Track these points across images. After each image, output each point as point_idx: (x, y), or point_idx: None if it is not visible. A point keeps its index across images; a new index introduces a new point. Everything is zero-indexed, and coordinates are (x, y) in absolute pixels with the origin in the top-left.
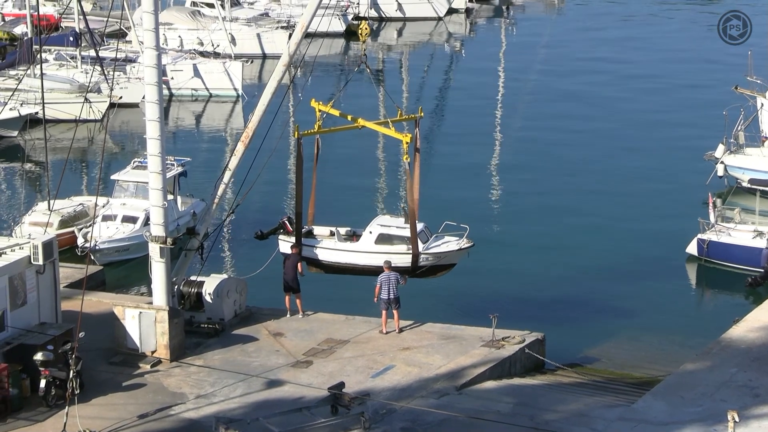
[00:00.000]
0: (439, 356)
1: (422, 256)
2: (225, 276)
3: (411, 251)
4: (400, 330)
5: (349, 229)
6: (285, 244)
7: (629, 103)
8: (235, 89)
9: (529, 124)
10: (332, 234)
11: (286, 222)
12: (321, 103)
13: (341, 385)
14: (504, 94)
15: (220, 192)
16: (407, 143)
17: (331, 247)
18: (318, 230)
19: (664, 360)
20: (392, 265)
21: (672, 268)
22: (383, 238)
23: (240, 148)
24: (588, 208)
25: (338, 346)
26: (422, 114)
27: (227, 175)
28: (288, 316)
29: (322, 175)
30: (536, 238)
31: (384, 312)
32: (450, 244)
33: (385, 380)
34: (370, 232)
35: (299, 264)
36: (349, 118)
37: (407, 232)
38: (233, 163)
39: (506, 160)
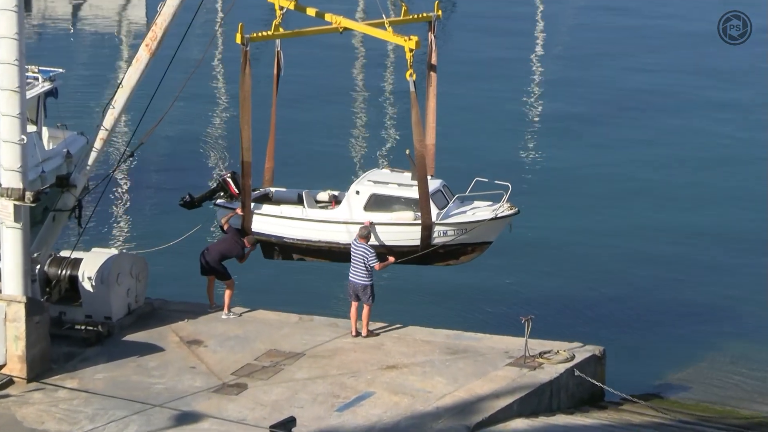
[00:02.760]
0: (442, 379)
1: (438, 228)
2: (114, 252)
3: (420, 221)
4: (368, 333)
5: (327, 192)
6: (226, 212)
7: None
8: None
9: (605, 63)
10: (300, 200)
11: (229, 180)
12: None
13: (291, 422)
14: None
15: (109, 122)
16: (411, 51)
17: (297, 217)
18: (278, 194)
19: None
20: (387, 244)
21: None
22: (378, 202)
23: (143, 55)
24: (666, 183)
25: (287, 361)
26: (440, 13)
27: (121, 96)
28: (211, 312)
29: (287, 111)
30: (589, 216)
31: (353, 305)
32: (481, 210)
33: (359, 416)
34: (357, 193)
35: (246, 243)
36: (327, 17)
37: (414, 192)
38: (131, 77)
39: (563, 109)
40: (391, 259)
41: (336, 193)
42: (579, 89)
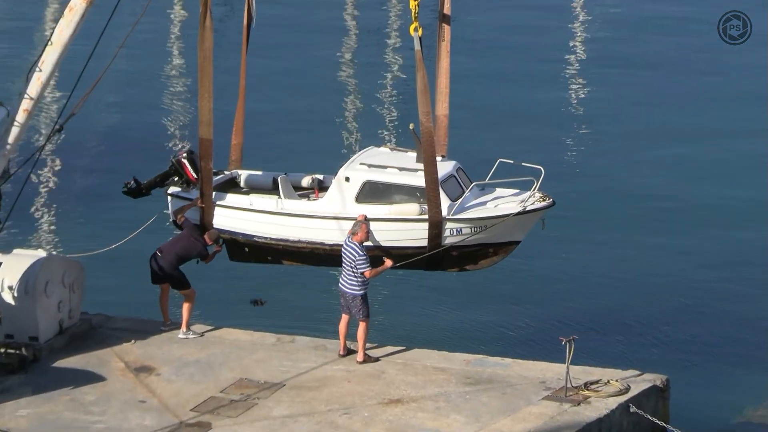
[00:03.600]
0: (460, 417)
1: (450, 225)
2: (41, 254)
3: (427, 216)
4: (365, 358)
5: (310, 177)
6: (181, 202)
7: None
8: None
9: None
10: (275, 186)
11: (185, 161)
12: None
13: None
14: None
15: (35, 89)
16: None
17: (271, 210)
18: (248, 179)
19: None
20: (385, 245)
21: None
22: (373, 191)
23: (78, 4)
24: (731, 179)
25: (261, 394)
26: None
27: (51, 56)
28: (165, 331)
29: (259, 72)
30: (642, 212)
31: (343, 318)
32: (506, 201)
33: None
34: (347, 179)
35: (207, 240)
36: None
37: (420, 178)
38: (62, 32)
39: (609, 78)
40: (388, 263)
41: (321, 177)
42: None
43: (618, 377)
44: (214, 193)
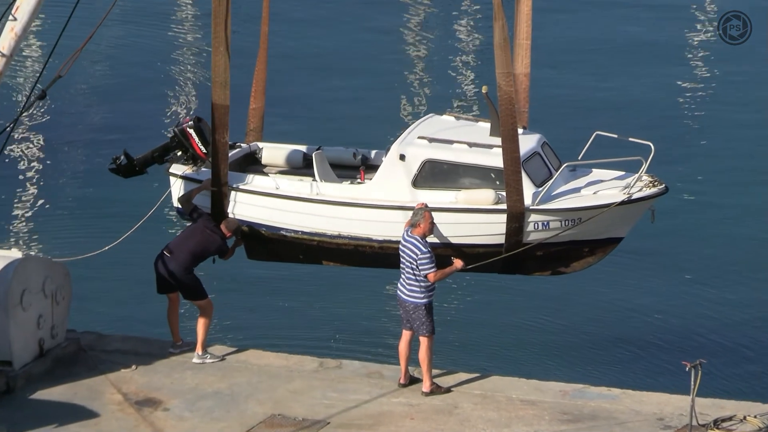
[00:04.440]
0: None
1: (535, 218)
2: (16, 255)
3: (506, 205)
4: (433, 387)
5: (352, 152)
6: (190, 186)
7: None
8: None
9: None
10: (308, 164)
11: (191, 131)
12: None
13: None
14: None
15: (8, 43)
16: None
17: (301, 197)
18: (271, 154)
19: None
20: (452, 241)
21: None
22: (436, 172)
23: None
24: None
25: None
26: None
27: (26, 4)
28: (175, 354)
29: (286, 21)
30: None
31: (404, 336)
32: (605, 187)
33: None
34: (402, 157)
35: (225, 231)
36: None
37: (496, 157)
38: None
39: None
40: (457, 263)
41: (367, 154)
42: None
43: (757, 412)
44: (229, 172)
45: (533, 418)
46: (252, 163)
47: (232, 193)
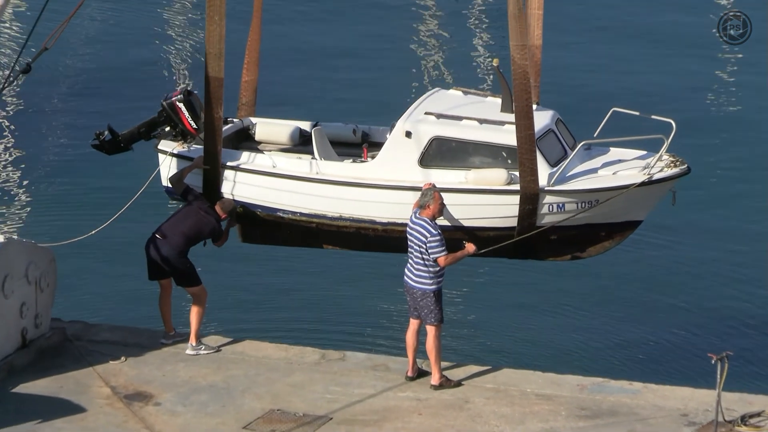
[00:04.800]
0: None
1: (549, 199)
2: None
3: (519, 186)
4: (442, 380)
5: (353, 128)
6: (183, 164)
7: None
8: None
9: None
10: (307, 141)
11: (180, 104)
12: None
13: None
14: None
15: None
16: None
17: (300, 176)
18: (266, 130)
19: None
20: (462, 224)
21: None
22: (444, 150)
23: None
24: None
25: (300, 430)
26: None
27: None
28: (167, 345)
29: None
30: None
31: (411, 325)
32: (623, 167)
33: None
34: (408, 134)
35: (220, 212)
36: None
37: (508, 135)
38: None
39: None
40: (469, 248)
41: (370, 130)
42: None
43: None
44: (222, 149)
45: (549, 413)
46: (245, 140)
47: (226, 171)
